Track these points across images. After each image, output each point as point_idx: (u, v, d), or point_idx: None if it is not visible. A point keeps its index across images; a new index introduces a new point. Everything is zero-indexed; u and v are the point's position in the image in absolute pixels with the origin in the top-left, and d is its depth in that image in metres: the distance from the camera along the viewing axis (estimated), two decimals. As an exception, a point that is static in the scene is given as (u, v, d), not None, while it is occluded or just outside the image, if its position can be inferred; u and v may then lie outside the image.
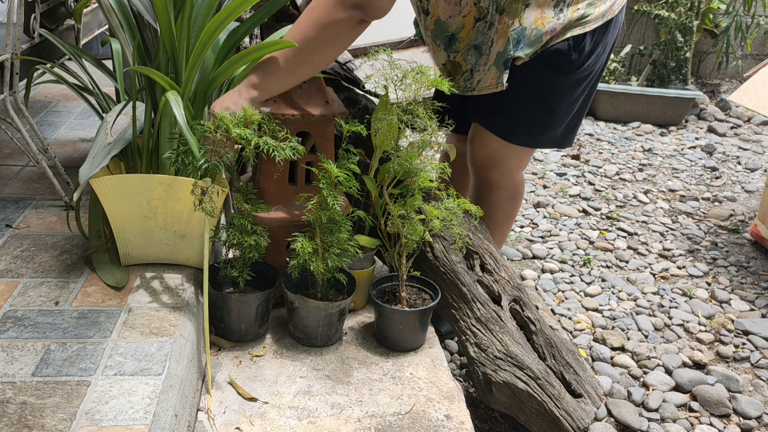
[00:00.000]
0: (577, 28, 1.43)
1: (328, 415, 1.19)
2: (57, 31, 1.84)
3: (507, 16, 1.41)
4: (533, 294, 2.14)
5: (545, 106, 1.53)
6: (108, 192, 1.26)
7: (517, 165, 1.69)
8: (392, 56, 1.26)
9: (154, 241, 1.34)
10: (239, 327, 1.34)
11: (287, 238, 1.35)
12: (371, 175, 1.41)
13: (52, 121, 2.20)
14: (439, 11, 1.48)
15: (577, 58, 1.46)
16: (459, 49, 1.50)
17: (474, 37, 1.46)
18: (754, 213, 2.82)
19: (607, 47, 1.52)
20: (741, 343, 1.94)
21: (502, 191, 1.69)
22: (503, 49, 1.44)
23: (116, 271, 1.33)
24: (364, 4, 1.21)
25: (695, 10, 4.36)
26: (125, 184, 1.27)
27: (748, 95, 2.43)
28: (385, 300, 1.40)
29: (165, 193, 1.28)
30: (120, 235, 1.32)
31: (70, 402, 0.99)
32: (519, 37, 1.43)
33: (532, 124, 1.56)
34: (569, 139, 1.65)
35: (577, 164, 3.33)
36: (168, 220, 1.32)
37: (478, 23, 1.44)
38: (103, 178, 1.25)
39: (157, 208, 1.30)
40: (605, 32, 1.48)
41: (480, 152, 1.65)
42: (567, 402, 1.40)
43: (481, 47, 1.46)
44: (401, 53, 1.61)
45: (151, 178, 1.28)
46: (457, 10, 1.45)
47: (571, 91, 1.52)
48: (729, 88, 4.75)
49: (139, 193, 1.28)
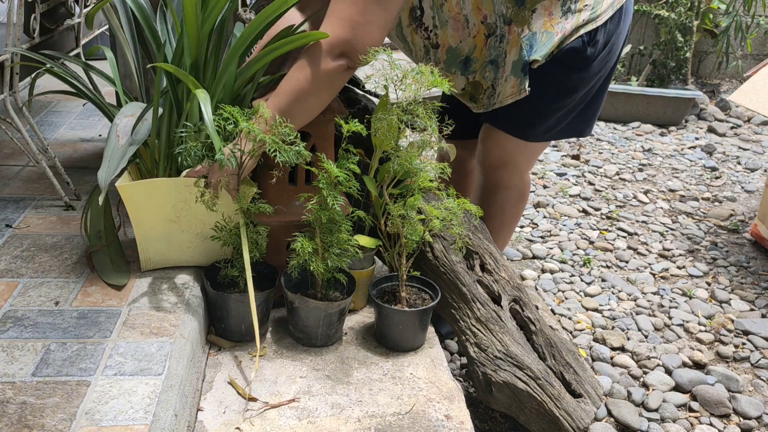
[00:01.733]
0: (589, 24, 1.43)
1: (328, 415, 1.19)
2: (57, 31, 1.84)
3: (516, 25, 1.41)
4: (533, 294, 2.14)
5: (564, 105, 1.53)
6: (134, 197, 1.26)
7: (527, 165, 1.69)
8: (392, 56, 1.26)
9: (176, 244, 1.34)
10: (239, 327, 1.34)
11: (287, 238, 1.35)
12: (371, 175, 1.41)
13: (52, 121, 2.20)
14: (448, 40, 1.48)
15: (592, 52, 1.45)
16: (476, 69, 1.50)
17: (488, 53, 1.46)
18: (754, 213, 2.82)
19: (620, 36, 1.51)
20: (741, 343, 1.94)
21: (511, 192, 1.69)
22: (518, 57, 1.44)
23: (117, 270, 1.33)
24: (348, 52, 1.25)
25: (695, 10, 4.36)
26: (152, 188, 1.27)
27: (748, 95, 2.43)
28: (385, 300, 1.40)
29: (190, 195, 1.28)
30: (142, 240, 1.32)
31: (70, 402, 0.99)
32: (531, 42, 1.42)
33: (550, 121, 1.56)
34: (588, 129, 1.64)
35: (577, 164, 3.33)
36: (192, 223, 1.32)
37: (489, 39, 1.45)
38: (130, 183, 1.25)
39: (182, 211, 1.30)
40: (618, 22, 1.47)
41: (492, 153, 1.64)
42: (567, 402, 1.40)
43: (497, 61, 1.46)
44: (401, 53, 1.61)
45: (178, 181, 1.28)
46: (466, 33, 1.46)
47: (588, 85, 1.52)
48: (729, 88, 4.75)
49: (165, 196, 1.28)
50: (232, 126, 1.21)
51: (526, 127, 1.57)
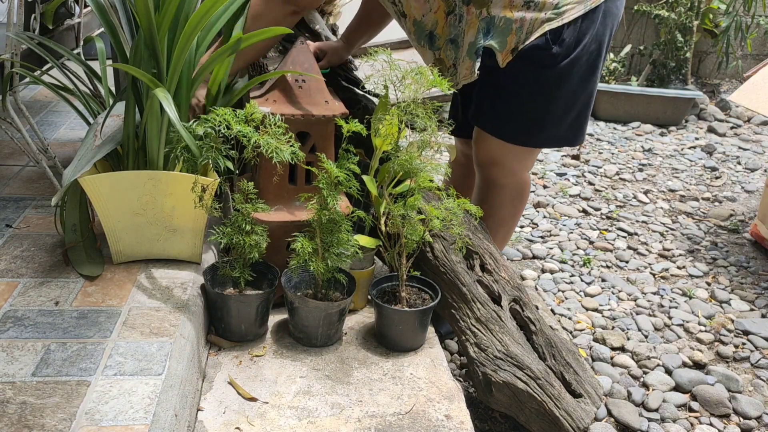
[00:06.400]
0: (553, 21, 1.41)
1: (328, 415, 1.19)
2: (57, 31, 1.84)
3: (474, 6, 1.42)
4: (533, 294, 2.14)
5: (538, 105, 1.52)
6: (98, 190, 1.27)
7: (520, 165, 1.68)
8: (392, 56, 1.26)
9: (145, 237, 1.34)
10: (239, 327, 1.34)
11: (287, 238, 1.35)
12: (371, 175, 1.41)
13: (52, 121, 2.20)
14: (413, 11, 1.50)
15: (559, 51, 1.44)
16: (440, 45, 1.51)
17: (449, 31, 1.48)
18: (754, 213, 2.82)
19: (597, 38, 1.47)
20: (741, 343, 1.94)
21: (506, 190, 1.69)
22: (474, 39, 1.44)
23: (91, 262, 1.34)
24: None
25: (695, 10, 4.36)
26: (114, 181, 1.27)
27: (748, 95, 2.43)
28: (385, 300, 1.40)
29: (154, 188, 1.28)
30: (111, 233, 1.33)
31: (70, 402, 0.99)
32: (488, 26, 1.43)
33: (528, 123, 1.55)
34: (578, 137, 1.62)
35: (577, 164, 3.33)
36: (158, 216, 1.32)
37: (449, 17, 1.45)
38: (93, 176, 1.25)
39: (147, 204, 1.30)
40: (592, 22, 1.45)
41: (482, 152, 1.65)
42: (567, 402, 1.40)
43: (456, 40, 1.47)
44: (401, 53, 1.61)
45: (140, 174, 1.29)
46: (427, 8, 1.47)
47: (562, 87, 1.50)
48: (729, 88, 4.75)
49: (129, 189, 1.28)
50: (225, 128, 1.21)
51: (504, 128, 1.57)
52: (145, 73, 1.23)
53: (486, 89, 1.53)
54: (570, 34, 1.43)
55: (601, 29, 1.47)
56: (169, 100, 1.18)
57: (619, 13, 1.52)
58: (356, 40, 1.77)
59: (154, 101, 1.25)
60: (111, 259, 1.36)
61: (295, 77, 1.40)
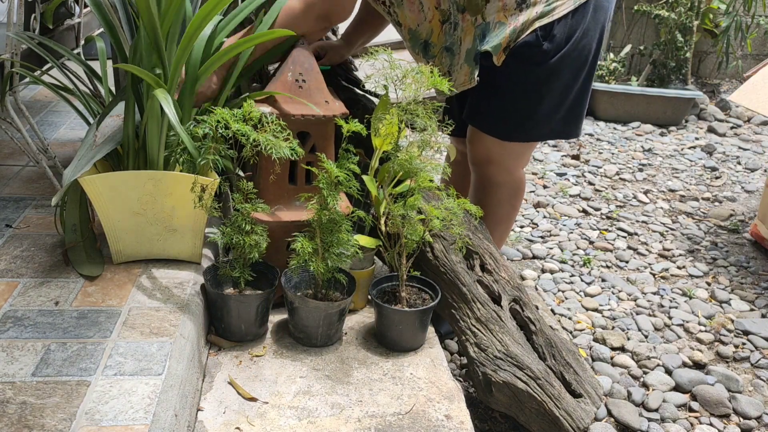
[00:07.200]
0: (544, 17, 1.42)
1: (328, 415, 1.19)
2: (57, 30, 1.84)
3: (469, 14, 1.43)
4: (533, 294, 2.14)
5: (532, 101, 1.52)
6: (98, 190, 1.27)
7: (515, 163, 1.68)
8: (392, 56, 1.26)
9: (145, 237, 1.34)
10: (239, 327, 1.34)
11: (287, 238, 1.35)
12: (371, 175, 1.41)
13: (52, 121, 2.20)
14: (408, 21, 1.51)
15: (549, 47, 1.44)
16: (435, 54, 1.53)
17: (444, 39, 1.49)
18: (754, 213, 2.82)
19: (588, 33, 1.47)
20: (741, 343, 1.94)
21: (502, 189, 1.69)
22: (471, 45, 1.45)
23: (91, 262, 1.34)
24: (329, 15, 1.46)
25: (695, 10, 4.36)
26: (115, 181, 1.27)
27: (748, 95, 2.43)
28: (385, 300, 1.40)
29: (154, 188, 1.28)
30: (111, 233, 1.33)
31: (70, 402, 0.99)
32: (484, 31, 1.44)
33: (522, 120, 1.56)
34: (573, 131, 1.62)
35: (577, 164, 3.33)
36: (158, 216, 1.32)
37: (444, 25, 1.47)
38: (93, 176, 1.25)
39: (147, 204, 1.30)
40: (582, 17, 1.45)
41: (477, 151, 1.65)
42: (567, 402, 1.40)
43: (452, 48, 1.49)
44: (401, 53, 1.62)
45: (141, 174, 1.29)
46: (422, 17, 1.48)
47: (554, 82, 1.50)
48: (729, 88, 4.75)
49: (129, 189, 1.28)
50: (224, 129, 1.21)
51: (499, 126, 1.57)
52: (148, 73, 1.23)
53: (482, 89, 1.54)
54: (560, 30, 1.44)
55: (592, 24, 1.48)
56: (169, 101, 1.18)
57: (610, 7, 1.52)
58: (356, 40, 1.78)
59: (155, 101, 1.25)
60: (111, 259, 1.36)
61: (295, 77, 1.40)
